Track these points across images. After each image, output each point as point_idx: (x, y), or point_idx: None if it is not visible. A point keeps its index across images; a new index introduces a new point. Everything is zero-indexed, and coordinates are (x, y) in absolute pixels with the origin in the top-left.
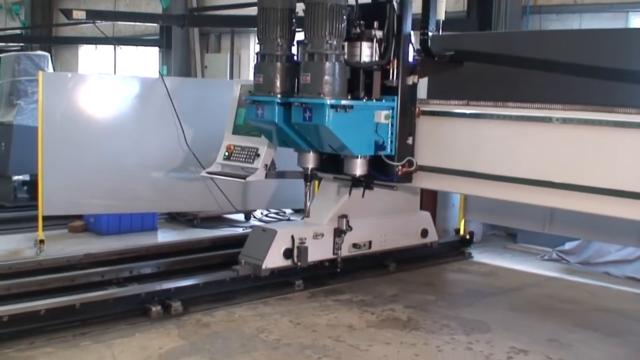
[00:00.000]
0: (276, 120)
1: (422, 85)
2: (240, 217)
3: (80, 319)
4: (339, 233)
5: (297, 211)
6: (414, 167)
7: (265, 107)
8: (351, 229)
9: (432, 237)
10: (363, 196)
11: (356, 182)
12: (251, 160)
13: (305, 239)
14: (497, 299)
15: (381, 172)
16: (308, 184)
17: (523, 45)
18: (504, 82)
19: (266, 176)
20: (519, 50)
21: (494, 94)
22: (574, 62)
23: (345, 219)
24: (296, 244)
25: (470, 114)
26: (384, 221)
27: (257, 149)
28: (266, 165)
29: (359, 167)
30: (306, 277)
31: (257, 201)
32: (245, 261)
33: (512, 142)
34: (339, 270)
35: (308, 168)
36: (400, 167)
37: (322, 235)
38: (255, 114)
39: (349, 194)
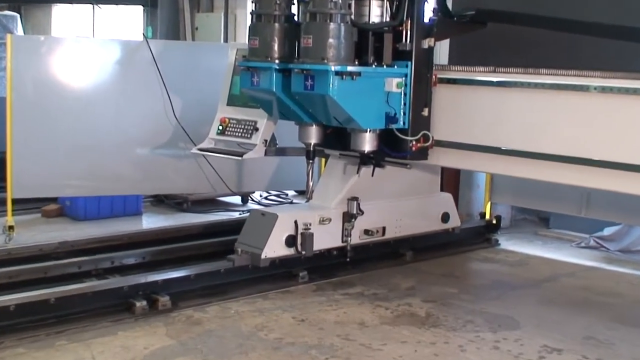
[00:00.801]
0: (274, 89)
1: (442, 50)
2: (237, 199)
3: (55, 316)
4: (348, 218)
5: (300, 193)
6: (430, 142)
7: (261, 74)
8: (362, 213)
9: (454, 222)
10: (372, 175)
11: (365, 159)
12: (248, 135)
13: (310, 224)
14: (527, 292)
15: (393, 147)
16: (310, 161)
17: (555, 3)
18: (534, 46)
19: (266, 153)
20: (550, 9)
21: (522, 59)
22: (614, 23)
23: (355, 202)
24: (300, 230)
25: (496, 82)
26: (400, 204)
27: (256, 122)
28: (265, 140)
29: (367, 143)
30: (311, 268)
31: (255, 182)
32: (242, 250)
33: (544, 114)
34: (348, 260)
35: (310, 144)
36: (414, 142)
37: (330, 220)
38: (251, 82)
39: (358, 172)
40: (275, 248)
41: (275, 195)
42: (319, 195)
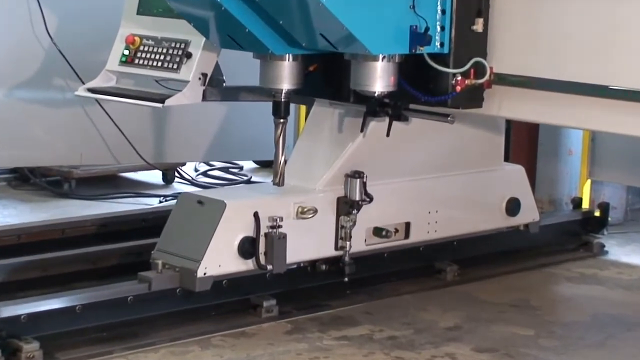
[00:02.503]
0: None
1: None
2: (155, 177)
3: None
4: (346, 208)
5: (265, 166)
6: (487, 76)
7: None
8: (370, 199)
9: (529, 214)
10: (388, 135)
11: (374, 107)
12: (174, 66)
13: (282, 219)
14: None
15: (423, 87)
16: (281, 120)
17: None
18: None
19: (204, 97)
20: None
21: None
22: None
23: (358, 181)
24: (264, 230)
25: None
26: (435, 185)
27: (187, 44)
28: (204, 75)
29: (379, 79)
30: (284, 294)
31: (187, 147)
32: (164, 263)
33: None
34: (346, 280)
35: (281, 90)
36: (459, 78)
37: (314, 211)
38: None
39: (363, 130)
40: (221, 260)
41: (220, 170)
42: (297, 169)
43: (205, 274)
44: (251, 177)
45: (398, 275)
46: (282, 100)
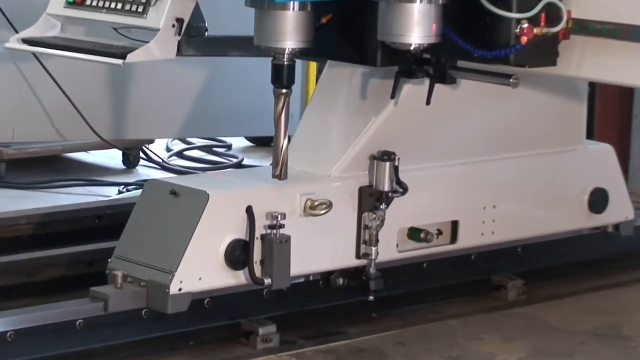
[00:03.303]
0: None
1: None
2: (113, 158)
3: None
4: (371, 201)
5: (261, 143)
6: (564, 23)
7: None
8: (404, 189)
9: (619, 210)
10: (429, 102)
11: (411, 66)
12: (139, 8)
13: (284, 216)
14: None
15: (475, 37)
16: (283, 90)
17: None
18: None
19: (180, 50)
20: None
21: None
22: None
23: (387, 164)
24: (260, 231)
25: None
26: (490, 171)
27: None
28: (180, 21)
29: (417, 28)
30: (287, 317)
31: (155, 119)
32: (124, 275)
33: None
34: (371, 298)
35: (283, 50)
36: (525, 26)
37: (328, 206)
38: None
39: (394, 97)
40: (202, 271)
41: (201, 150)
42: (304, 150)
43: (180, 290)
44: (243, 160)
45: (441, 292)
46: (285, 63)
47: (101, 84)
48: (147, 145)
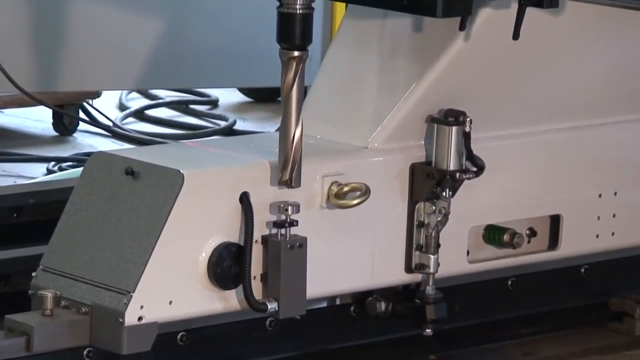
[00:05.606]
0: None
1: None
2: (40, 120)
3: None
4: (429, 186)
5: (261, 99)
6: None
7: None
8: (479, 168)
9: None
10: (516, 35)
11: None
12: None
13: (298, 208)
14: None
15: None
16: (295, 52)
17: None
18: None
19: None
20: None
21: None
22: None
23: (454, 129)
24: (261, 231)
25: None
26: (607, 142)
27: None
28: None
29: None
30: (304, 358)
31: (102, 64)
32: (56, 296)
33: None
34: (428, 332)
35: None
36: None
37: (363, 193)
38: None
39: (462, 29)
40: (174, 291)
41: (172, 108)
42: (327, 106)
43: (141, 319)
44: (235, 122)
45: (534, 323)
46: (298, 11)
47: (23, 12)
48: (89, 101)
